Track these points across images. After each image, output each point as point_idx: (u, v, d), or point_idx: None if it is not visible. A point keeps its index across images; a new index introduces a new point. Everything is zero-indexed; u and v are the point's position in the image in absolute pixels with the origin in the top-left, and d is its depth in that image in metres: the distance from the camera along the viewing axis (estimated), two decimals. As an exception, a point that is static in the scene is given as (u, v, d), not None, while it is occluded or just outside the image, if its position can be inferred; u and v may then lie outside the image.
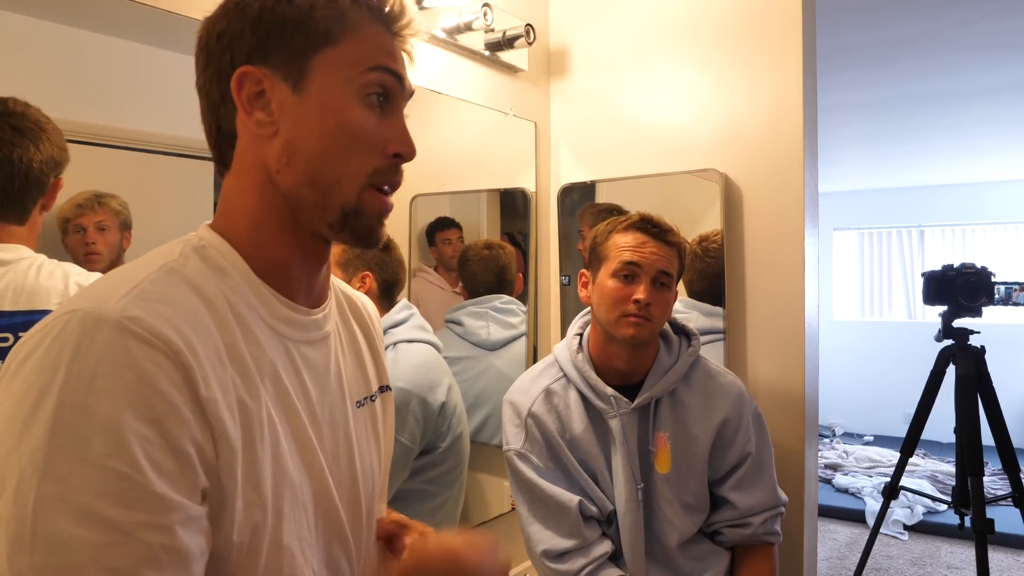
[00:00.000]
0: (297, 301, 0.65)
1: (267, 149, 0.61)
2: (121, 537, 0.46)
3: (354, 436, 0.71)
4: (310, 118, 0.60)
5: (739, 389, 1.37)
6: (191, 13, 1.11)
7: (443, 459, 1.52)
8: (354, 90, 0.61)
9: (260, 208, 0.62)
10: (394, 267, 1.48)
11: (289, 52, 0.60)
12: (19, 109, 0.90)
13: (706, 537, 1.37)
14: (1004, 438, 2.45)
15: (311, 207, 0.61)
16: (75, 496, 0.45)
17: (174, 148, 1.12)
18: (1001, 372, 2.85)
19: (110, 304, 0.50)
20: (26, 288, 0.88)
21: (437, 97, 1.64)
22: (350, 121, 0.61)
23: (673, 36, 1.83)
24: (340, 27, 0.61)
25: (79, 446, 0.46)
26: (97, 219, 1.01)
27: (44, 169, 0.92)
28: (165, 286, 0.55)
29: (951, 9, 2.45)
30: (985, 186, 5.95)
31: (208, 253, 0.60)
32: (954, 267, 2.54)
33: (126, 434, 0.47)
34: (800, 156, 1.66)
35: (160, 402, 0.49)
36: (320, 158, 0.60)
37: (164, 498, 0.48)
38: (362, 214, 0.62)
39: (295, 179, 0.61)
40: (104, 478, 0.46)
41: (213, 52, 0.61)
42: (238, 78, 0.60)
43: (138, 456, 0.47)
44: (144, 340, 0.49)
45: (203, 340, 0.53)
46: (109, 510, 0.46)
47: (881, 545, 3.79)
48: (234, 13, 0.61)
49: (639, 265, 1.26)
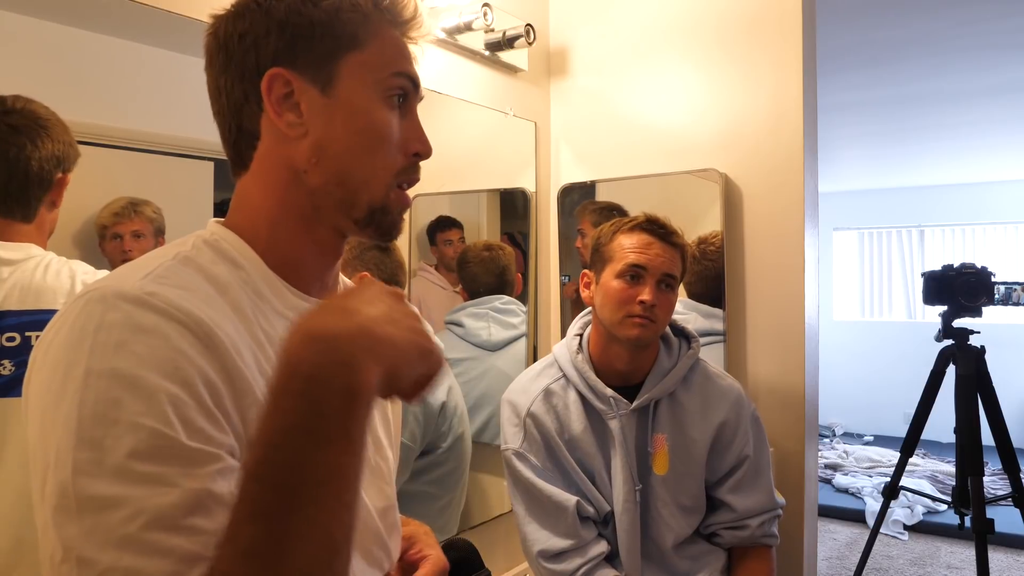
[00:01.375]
0: (310, 294, 0.66)
1: (295, 149, 0.62)
2: (162, 488, 0.46)
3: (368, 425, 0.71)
4: (339, 119, 0.62)
5: (738, 392, 1.37)
6: (191, 13, 1.11)
7: (444, 460, 1.52)
8: (379, 92, 0.63)
9: (282, 207, 0.63)
10: (392, 268, 1.48)
11: (317, 55, 0.61)
12: (17, 106, 0.90)
13: (702, 538, 1.37)
14: (1004, 438, 2.45)
15: (337, 205, 0.63)
16: (111, 457, 0.45)
17: (174, 148, 1.12)
18: (1001, 372, 2.85)
19: (130, 283, 0.51)
20: (33, 287, 0.88)
21: (437, 97, 1.64)
22: (377, 122, 0.63)
23: (673, 36, 1.83)
24: (365, 31, 0.63)
25: (110, 409, 0.46)
26: (133, 227, 1.06)
27: (46, 166, 0.92)
28: (180, 272, 0.56)
29: (951, 9, 2.45)
30: (985, 186, 5.95)
31: (221, 246, 0.61)
32: (954, 267, 2.54)
33: (156, 392, 0.47)
34: (800, 156, 1.66)
35: (187, 365, 0.49)
36: (349, 158, 0.62)
37: (199, 451, 0.48)
38: (388, 211, 0.64)
39: (324, 178, 0.62)
40: (137, 436, 0.46)
41: (235, 52, 0.61)
42: (269, 79, 0.60)
43: (169, 413, 0.47)
44: (166, 312, 0.50)
45: (221, 317, 0.54)
46: (145, 466, 0.46)
47: (881, 545, 3.79)
48: (257, 14, 0.61)
49: (645, 267, 1.27)
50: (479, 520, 1.73)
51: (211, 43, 0.63)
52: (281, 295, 0.63)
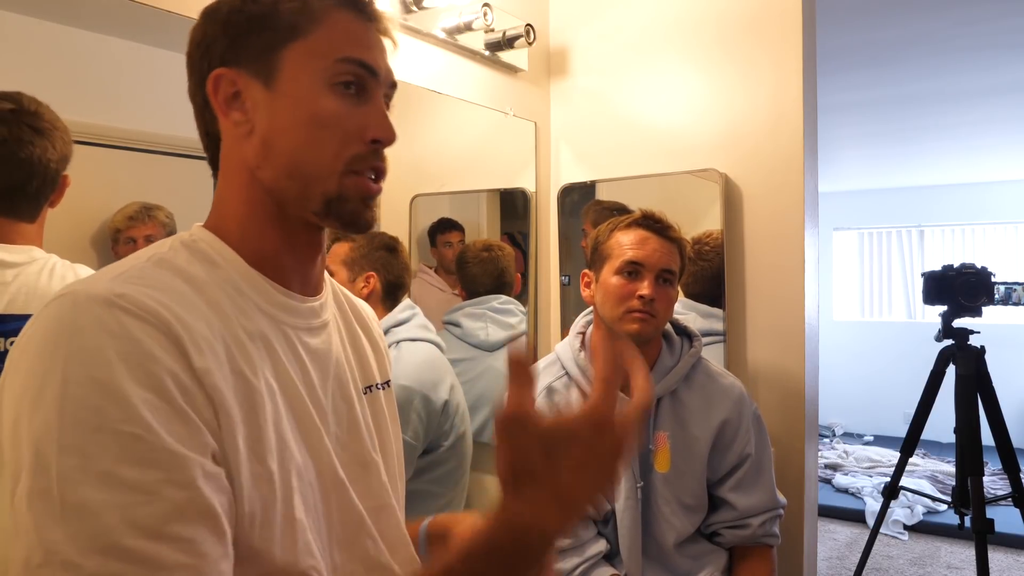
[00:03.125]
0: (293, 290, 0.65)
1: (246, 147, 0.62)
2: (145, 496, 0.47)
3: (361, 421, 0.70)
4: (282, 112, 0.61)
5: (739, 391, 1.37)
6: (191, 13, 1.11)
7: (446, 458, 1.52)
8: (324, 80, 0.61)
9: (248, 205, 0.63)
10: (399, 269, 1.48)
11: (258, 49, 0.61)
12: (33, 108, 0.91)
13: (704, 537, 1.38)
14: (1004, 438, 2.45)
15: (294, 198, 0.62)
16: (95, 464, 0.46)
17: (174, 148, 1.12)
18: (1001, 372, 2.85)
19: (98, 286, 0.52)
20: (38, 291, 0.89)
21: (437, 97, 1.64)
22: (320, 110, 0.61)
23: (673, 36, 1.83)
24: (307, 19, 0.61)
25: (91, 416, 0.47)
26: (147, 232, 1.07)
27: (59, 168, 0.93)
28: (152, 272, 0.56)
29: (951, 9, 2.45)
30: (985, 186, 5.95)
31: (198, 247, 0.61)
32: (954, 267, 2.54)
33: (133, 400, 0.48)
34: (800, 156, 1.66)
35: (158, 369, 0.50)
36: (295, 150, 0.61)
37: (180, 455, 0.49)
38: (345, 200, 0.62)
39: (274, 173, 0.61)
40: (120, 443, 0.47)
41: (195, 60, 0.63)
42: (213, 81, 0.61)
43: (148, 418, 0.48)
44: (133, 314, 0.51)
45: (193, 316, 0.54)
46: (130, 472, 0.47)
47: (881, 545, 3.79)
48: (208, 20, 0.63)
49: (642, 263, 1.27)
50: (479, 520, 1.73)
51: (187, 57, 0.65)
52: (263, 292, 0.63)
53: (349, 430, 0.69)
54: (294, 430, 0.61)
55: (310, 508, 0.61)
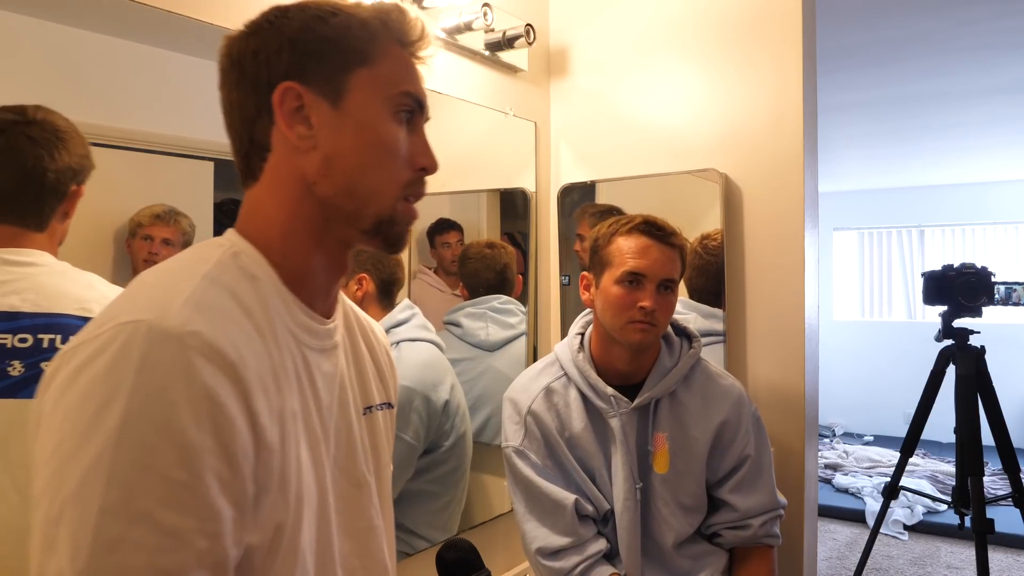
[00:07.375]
0: (315, 310, 0.67)
1: (306, 161, 0.63)
2: (176, 542, 0.48)
3: (359, 442, 0.72)
4: (348, 132, 0.63)
5: (739, 392, 1.37)
6: (191, 13, 1.11)
7: (446, 458, 1.52)
8: (389, 108, 0.65)
9: (294, 218, 0.65)
10: (391, 267, 1.47)
11: (327, 70, 0.63)
12: (38, 117, 0.90)
13: (703, 538, 1.38)
14: (1004, 438, 2.45)
15: (347, 216, 0.65)
16: (138, 502, 0.48)
17: (174, 148, 1.12)
18: (1001, 372, 2.85)
19: (171, 317, 0.52)
20: (48, 291, 0.88)
21: (437, 97, 1.64)
22: (385, 136, 0.64)
23: (673, 36, 1.83)
24: (373, 48, 0.65)
25: (144, 455, 0.48)
26: (166, 234, 1.08)
27: (60, 178, 0.92)
28: (213, 298, 0.57)
29: (951, 9, 2.45)
30: (985, 186, 5.95)
31: (242, 261, 0.63)
32: (954, 267, 2.54)
33: (191, 445, 0.49)
34: (800, 156, 1.66)
35: (220, 415, 0.52)
36: (358, 170, 0.64)
37: (217, 507, 0.51)
38: (395, 223, 0.66)
39: (334, 189, 0.64)
40: (166, 486, 0.48)
41: (248, 68, 0.64)
42: (281, 93, 0.62)
43: (200, 467, 0.50)
44: (206, 356, 0.52)
45: (249, 351, 0.56)
46: (168, 516, 0.48)
47: (881, 545, 3.79)
48: (270, 32, 0.64)
49: (644, 274, 1.26)
50: (479, 520, 1.73)
51: (224, 62, 0.65)
52: (292, 312, 0.64)
53: (347, 451, 0.70)
54: (306, 455, 0.63)
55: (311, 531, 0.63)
